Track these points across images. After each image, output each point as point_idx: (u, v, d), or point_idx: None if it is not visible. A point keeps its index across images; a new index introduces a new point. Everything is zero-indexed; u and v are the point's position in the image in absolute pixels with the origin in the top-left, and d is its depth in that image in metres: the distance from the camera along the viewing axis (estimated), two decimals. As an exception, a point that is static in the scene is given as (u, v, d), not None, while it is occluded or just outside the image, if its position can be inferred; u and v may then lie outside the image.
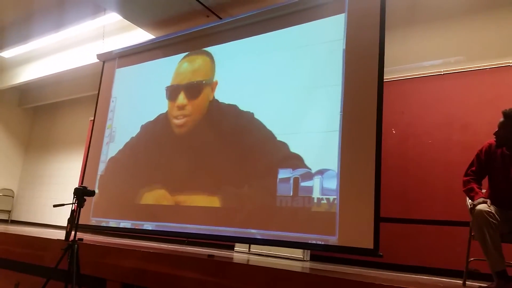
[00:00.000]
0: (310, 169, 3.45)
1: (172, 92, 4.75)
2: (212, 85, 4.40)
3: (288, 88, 3.83)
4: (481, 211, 2.38)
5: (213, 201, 3.97)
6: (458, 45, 4.52)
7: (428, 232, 4.13)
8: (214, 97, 4.35)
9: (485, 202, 2.44)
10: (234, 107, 4.13)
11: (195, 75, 4.65)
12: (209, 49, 4.58)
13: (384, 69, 3.33)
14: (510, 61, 4.08)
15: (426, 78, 4.52)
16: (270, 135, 3.77)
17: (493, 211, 2.37)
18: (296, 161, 3.55)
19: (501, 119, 2.70)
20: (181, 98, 4.62)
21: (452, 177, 4.03)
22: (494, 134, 2.71)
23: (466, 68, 4.33)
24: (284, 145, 3.66)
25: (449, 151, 4.19)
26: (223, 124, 4.20)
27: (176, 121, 4.56)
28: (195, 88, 4.56)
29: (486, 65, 4.22)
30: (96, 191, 4.93)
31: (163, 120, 4.74)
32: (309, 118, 3.61)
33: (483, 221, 2.36)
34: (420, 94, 4.52)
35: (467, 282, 2.79)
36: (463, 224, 3.39)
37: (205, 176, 4.12)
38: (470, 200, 2.67)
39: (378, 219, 3.01)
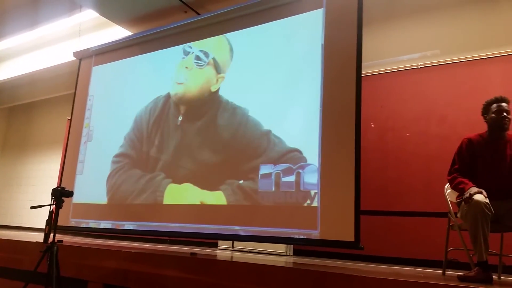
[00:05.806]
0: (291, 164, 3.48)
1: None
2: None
3: (267, 83, 3.82)
4: (479, 202, 2.34)
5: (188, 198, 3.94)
6: (434, 39, 4.59)
7: (408, 224, 4.20)
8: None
9: (480, 193, 2.40)
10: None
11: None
12: (187, 45, 4.53)
13: (362, 63, 3.36)
14: (485, 54, 4.17)
15: (403, 72, 4.59)
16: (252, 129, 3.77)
17: (489, 203, 2.35)
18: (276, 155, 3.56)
19: None
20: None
21: (431, 169, 4.12)
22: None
23: (443, 61, 4.41)
24: (265, 140, 3.66)
25: (427, 143, 4.26)
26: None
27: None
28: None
29: (462, 58, 4.30)
30: (75, 191, 4.83)
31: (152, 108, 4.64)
32: (289, 114, 3.61)
33: (480, 212, 2.33)
34: (398, 88, 4.59)
35: (446, 272, 2.85)
36: (441, 215, 3.45)
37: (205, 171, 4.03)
38: (461, 191, 2.60)
39: (359, 212, 3.04)
